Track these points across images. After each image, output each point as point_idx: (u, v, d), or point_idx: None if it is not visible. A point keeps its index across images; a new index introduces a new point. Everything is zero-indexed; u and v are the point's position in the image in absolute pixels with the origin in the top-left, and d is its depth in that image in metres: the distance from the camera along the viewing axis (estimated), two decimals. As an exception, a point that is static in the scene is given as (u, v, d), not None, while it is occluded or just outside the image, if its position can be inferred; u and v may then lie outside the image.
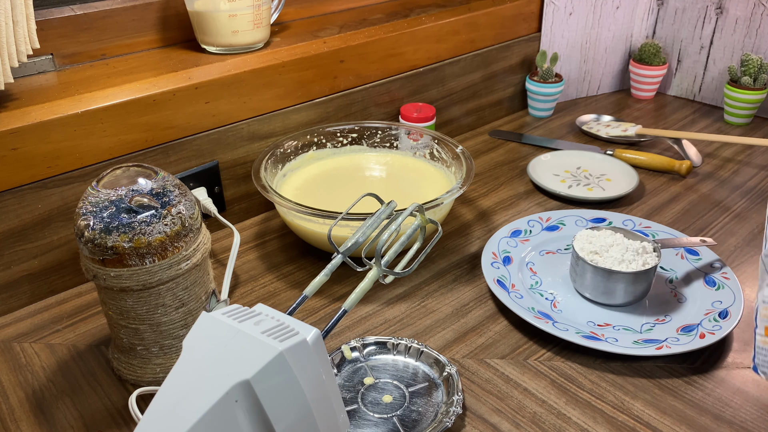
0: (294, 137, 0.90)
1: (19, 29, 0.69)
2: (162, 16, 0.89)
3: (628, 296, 0.70)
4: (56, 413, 0.60)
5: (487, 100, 1.18)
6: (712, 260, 0.77)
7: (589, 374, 0.64)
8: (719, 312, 0.69)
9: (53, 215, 0.73)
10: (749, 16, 1.16)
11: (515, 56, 1.19)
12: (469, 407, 0.60)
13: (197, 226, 0.59)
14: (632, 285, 0.69)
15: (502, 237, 0.82)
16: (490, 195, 0.96)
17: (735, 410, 0.60)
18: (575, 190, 0.94)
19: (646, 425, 0.58)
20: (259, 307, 0.47)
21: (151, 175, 0.58)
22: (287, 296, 0.75)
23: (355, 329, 0.70)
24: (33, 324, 0.71)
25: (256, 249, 0.84)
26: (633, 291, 0.70)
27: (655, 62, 1.25)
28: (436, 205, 0.74)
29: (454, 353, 0.67)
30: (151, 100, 0.76)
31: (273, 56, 0.88)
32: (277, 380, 0.41)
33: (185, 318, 0.61)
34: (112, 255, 0.55)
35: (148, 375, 0.62)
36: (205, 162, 0.84)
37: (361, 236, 0.55)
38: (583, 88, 1.31)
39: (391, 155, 0.95)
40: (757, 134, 1.14)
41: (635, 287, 0.70)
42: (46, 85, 0.78)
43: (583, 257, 0.71)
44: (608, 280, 0.69)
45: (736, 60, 1.20)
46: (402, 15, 1.07)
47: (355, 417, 0.58)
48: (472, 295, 0.75)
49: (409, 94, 1.04)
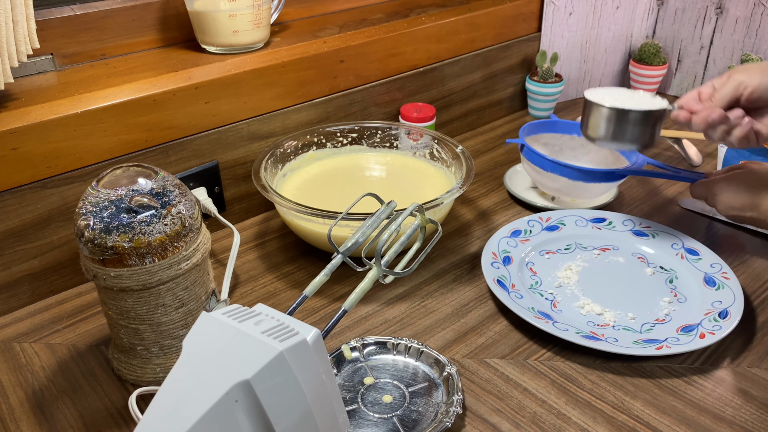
0: (294, 137, 0.90)
1: (19, 29, 0.69)
2: (162, 16, 0.89)
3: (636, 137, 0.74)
4: (56, 413, 0.60)
5: (487, 100, 1.18)
6: (712, 260, 0.77)
7: (589, 374, 0.64)
8: (719, 312, 0.69)
9: (53, 215, 0.73)
10: (749, 16, 1.16)
11: (515, 56, 1.19)
12: (469, 407, 0.60)
13: (197, 226, 0.59)
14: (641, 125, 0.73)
15: (502, 237, 0.82)
16: (490, 195, 0.96)
17: (735, 410, 0.60)
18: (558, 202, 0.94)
19: (646, 425, 0.58)
20: (259, 307, 0.47)
21: (151, 175, 0.58)
22: (287, 296, 0.75)
23: (355, 329, 0.70)
24: (33, 324, 0.71)
25: (256, 249, 0.84)
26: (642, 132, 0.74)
27: (655, 62, 1.25)
28: (436, 205, 0.74)
29: (454, 353, 0.67)
30: (151, 100, 0.76)
31: (273, 56, 0.88)
32: (277, 380, 0.41)
33: (185, 318, 0.61)
34: (112, 255, 0.55)
35: (148, 375, 0.62)
36: (205, 162, 0.84)
37: (361, 236, 0.55)
38: (583, 88, 1.31)
39: (391, 155, 0.95)
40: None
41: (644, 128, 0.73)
42: (46, 85, 0.78)
43: (593, 100, 0.74)
44: (619, 120, 0.73)
45: (736, 60, 1.20)
46: (402, 15, 1.07)
47: (355, 417, 0.58)
48: (472, 295, 0.75)
49: (409, 94, 1.04)
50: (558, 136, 0.99)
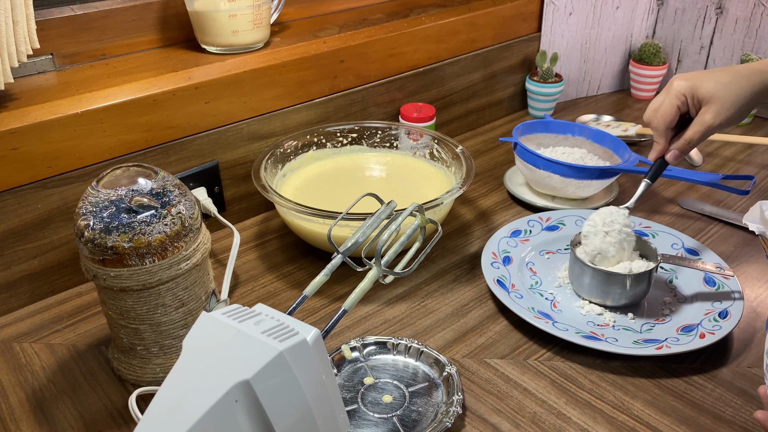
0: (294, 137, 0.90)
1: (19, 29, 0.69)
2: (162, 16, 0.89)
3: (627, 298, 0.70)
4: (56, 413, 0.60)
5: (487, 100, 1.18)
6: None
7: (589, 374, 0.64)
8: (719, 312, 0.69)
9: (53, 215, 0.73)
10: (749, 16, 1.16)
11: (515, 56, 1.19)
12: (469, 407, 0.60)
13: (197, 226, 0.59)
14: (631, 287, 0.69)
15: (502, 237, 0.82)
16: (490, 195, 0.96)
17: (735, 410, 0.60)
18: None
19: (646, 425, 0.58)
20: (259, 307, 0.47)
21: (151, 175, 0.58)
22: (287, 296, 0.75)
23: (355, 329, 0.70)
24: (33, 324, 0.71)
25: (256, 249, 0.84)
26: (632, 293, 0.70)
27: (655, 62, 1.25)
28: (436, 205, 0.74)
29: (454, 353, 0.67)
30: (151, 100, 0.76)
31: (273, 56, 0.88)
32: (277, 380, 0.41)
33: (185, 318, 0.61)
34: (112, 255, 0.55)
35: (148, 375, 0.62)
36: (205, 162, 0.84)
37: (361, 236, 0.55)
38: (583, 88, 1.31)
39: (391, 155, 0.95)
40: (757, 134, 1.14)
41: (635, 289, 0.70)
42: (46, 85, 0.78)
43: (581, 259, 0.71)
44: (607, 283, 0.69)
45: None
46: (402, 15, 1.07)
47: (355, 417, 0.58)
48: (472, 295, 0.75)
49: (409, 94, 1.04)
50: (552, 136, 0.99)
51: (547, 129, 0.99)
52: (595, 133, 0.96)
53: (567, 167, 0.86)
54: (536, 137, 0.98)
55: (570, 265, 0.73)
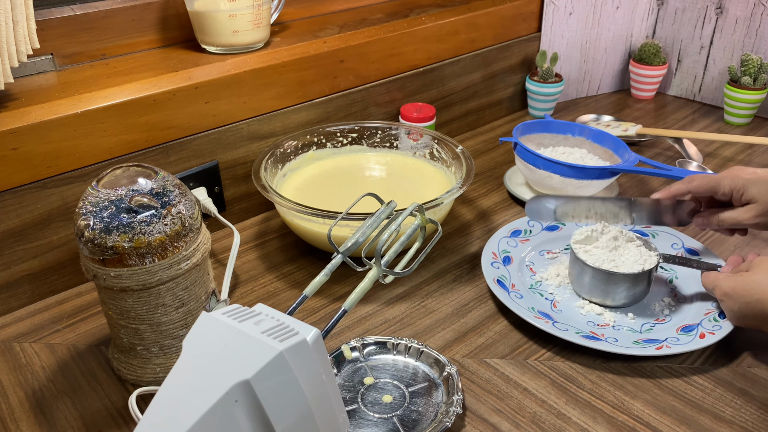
0: (294, 137, 0.90)
1: (19, 29, 0.69)
2: (162, 16, 0.89)
3: (627, 298, 0.70)
4: (56, 413, 0.60)
5: (487, 100, 1.18)
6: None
7: (589, 374, 0.64)
8: (719, 312, 0.69)
9: (53, 215, 0.73)
10: (749, 16, 1.16)
11: (515, 56, 1.19)
12: (469, 407, 0.60)
13: (197, 226, 0.59)
14: (632, 287, 0.69)
15: (502, 237, 0.82)
16: (490, 195, 0.96)
17: (735, 410, 0.60)
18: None
19: (646, 425, 0.58)
20: (259, 307, 0.47)
21: (151, 175, 0.58)
22: (287, 296, 0.75)
23: (355, 329, 0.70)
24: (33, 324, 0.71)
25: (256, 249, 0.84)
26: (633, 293, 0.70)
27: (655, 62, 1.25)
28: (436, 205, 0.74)
29: (454, 353, 0.67)
30: (151, 100, 0.76)
31: (273, 56, 0.88)
32: (277, 380, 0.41)
33: (185, 318, 0.61)
34: (112, 255, 0.55)
35: (148, 375, 0.62)
36: (205, 162, 0.84)
37: (361, 236, 0.55)
38: (583, 88, 1.31)
39: (391, 155, 0.95)
40: (757, 134, 1.14)
41: (635, 289, 0.70)
42: (46, 85, 0.78)
43: (582, 258, 0.71)
44: (607, 282, 0.69)
45: (736, 60, 1.20)
46: (402, 15, 1.07)
47: (355, 417, 0.58)
48: (472, 295, 0.75)
49: (409, 94, 1.04)
50: (552, 136, 0.99)
51: (547, 129, 0.99)
52: (595, 133, 0.96)
53: (567, 167, 0.86)
54: (536, 137, 0.98)
55: (570, 265, 0.73)
